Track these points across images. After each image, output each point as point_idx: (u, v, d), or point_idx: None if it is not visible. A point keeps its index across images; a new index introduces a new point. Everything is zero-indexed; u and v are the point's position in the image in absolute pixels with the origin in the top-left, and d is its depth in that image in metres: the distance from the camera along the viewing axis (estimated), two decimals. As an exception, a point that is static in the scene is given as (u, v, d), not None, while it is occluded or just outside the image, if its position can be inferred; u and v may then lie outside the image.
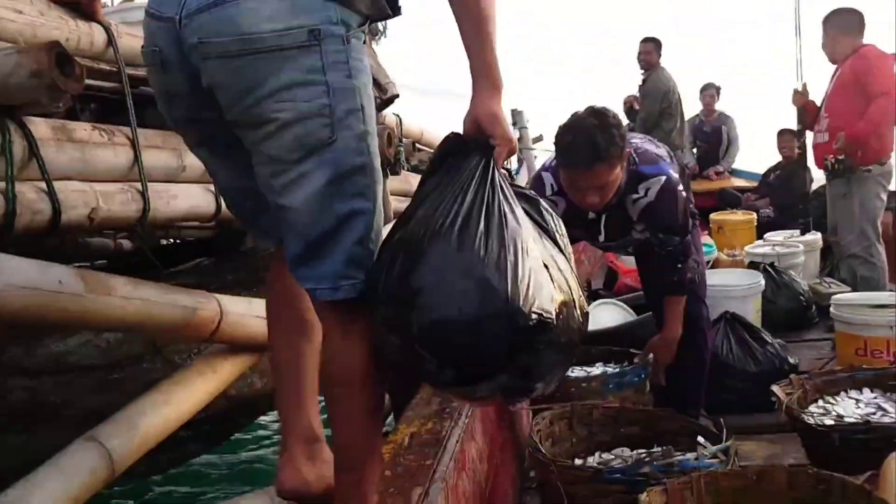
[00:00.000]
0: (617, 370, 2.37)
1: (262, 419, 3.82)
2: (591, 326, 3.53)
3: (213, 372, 1.60)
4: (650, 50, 5.84)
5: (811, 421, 1.99)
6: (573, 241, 2.28)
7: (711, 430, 1.99)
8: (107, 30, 1.68)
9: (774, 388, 2.17)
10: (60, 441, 2.13)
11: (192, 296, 1.46)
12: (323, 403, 1.35)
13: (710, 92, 7.34)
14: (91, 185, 1.58)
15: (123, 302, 1.26)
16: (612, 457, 2.03)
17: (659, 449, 1.97)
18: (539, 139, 7.68)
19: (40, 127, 1.48)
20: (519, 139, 6.56)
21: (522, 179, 7.08)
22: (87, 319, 1.21)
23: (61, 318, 1.17)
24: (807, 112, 4.08)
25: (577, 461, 2.02)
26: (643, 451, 2.00)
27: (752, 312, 3.33)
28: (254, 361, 1.76)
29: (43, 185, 1.45)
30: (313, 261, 1.16)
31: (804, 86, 4.10)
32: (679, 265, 2.31)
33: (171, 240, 4.91)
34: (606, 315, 3.52)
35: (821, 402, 2.20)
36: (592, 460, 2.00)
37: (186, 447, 2.98)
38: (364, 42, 1.18)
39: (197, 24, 1.09)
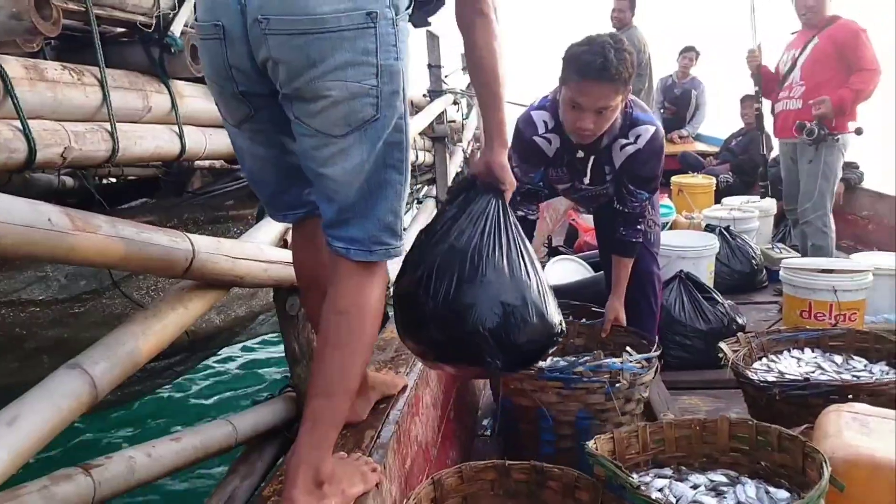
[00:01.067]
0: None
1: (218, 355, 3.92)
2: (552, 282, 3.71)
3: (184, 308, 1.69)
4: (624, 8, 5.82)
5: (754, 377, 2.12)
6: (553, 185, 2.48)
7: (644, 343, 2.31)
8: (74, -32, 1.68)
9: (722, 345, 2.29)
10: (24, 367, 2.21)
11: (167, 235, 1.54)
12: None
13: (689, 55, 7.32)
14: (63, 125, 1.63)
15: (106, 240, 1.34)
16: (563, 361, 2.31)
17: (591, 354, 2.25)
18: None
19: (13, 66, 1.51)
20: (470, 84, 6.60)
21: (472, 125, 7.15)
22: (71, 256, 1.28)
23: (49, 253, 1.24)
24: (762, 77, 4.10)
25: None
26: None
27: (705, 273, 3.50)
28: (221, 297, 1.85)
29: (18, 123, 1.49)
30: (348, 225, 1.28)
31: (759, 47, 4.10)
32: (639, 225, 2.41)
33: (113, 179, 4.86)
34: (566, 271, 3.72)
35: (764, 360, 2.34)
36: (545, 364, 2.23)
37: (145, 381, 3.08)
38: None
39: (262, 0, 1.15)
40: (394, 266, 1.50)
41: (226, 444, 2.14)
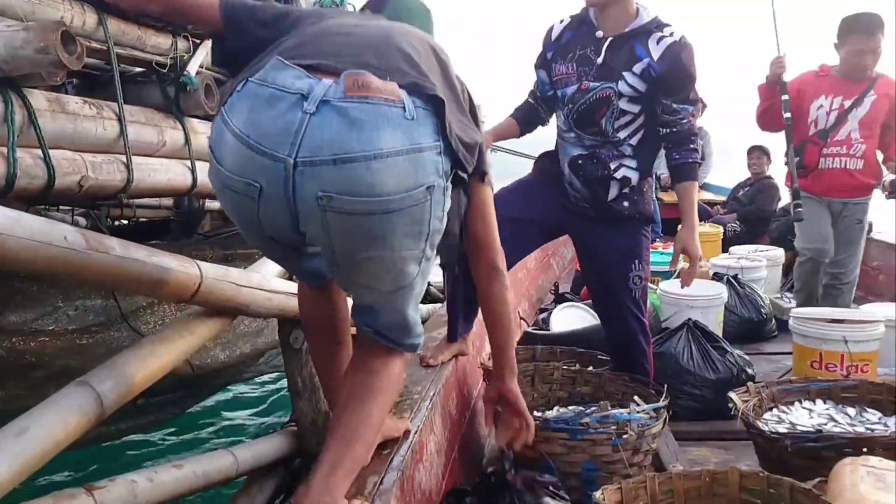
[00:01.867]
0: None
1: (224, 391, 3.94)
2: (558, 328, 3.61)
3: (190, 333, 1.74)
4: None
5: (765, 428, 2.05)
6: (559, 88, 2.35)
7: (651, 393, 2.26)
8: (98, 12, 1.79)
9: (732, 395, 2.23)
10: (32, 395, 2.24)
11: (177, 259, 1.60)
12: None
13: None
14: (81, 155, 1.70)
15: (118, 261, 1.39)
16: (569, 411, 2.28)
17: (597, 405, 2.20)
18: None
19: (37, 97, 1.59)
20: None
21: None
22: (84, 275, 1.34)
23: (64, 271, 1.30)
24: (771, 91, 3.71)
25: (537, 413, 2.23)
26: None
27: (714, 322, 3.47)
28: (226, 325, 1.90)
29: (39, 152, 1.57)
30: (379, 319, 1.34)
31: (784, 56, 3.70)
32: (691, 144, 2.26)
33: (126, 221, 4.95)
34: (572, 318, 3.70)
35: (775, 411, 2.28)
36: (551, 414, 2.25)
37: (149, 415, 3.10)
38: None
39: (321, 175, 1.11)
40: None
41: (226, 475, 2.15)
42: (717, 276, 4.14)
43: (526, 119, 2.56)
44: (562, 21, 2.39)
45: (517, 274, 4.20)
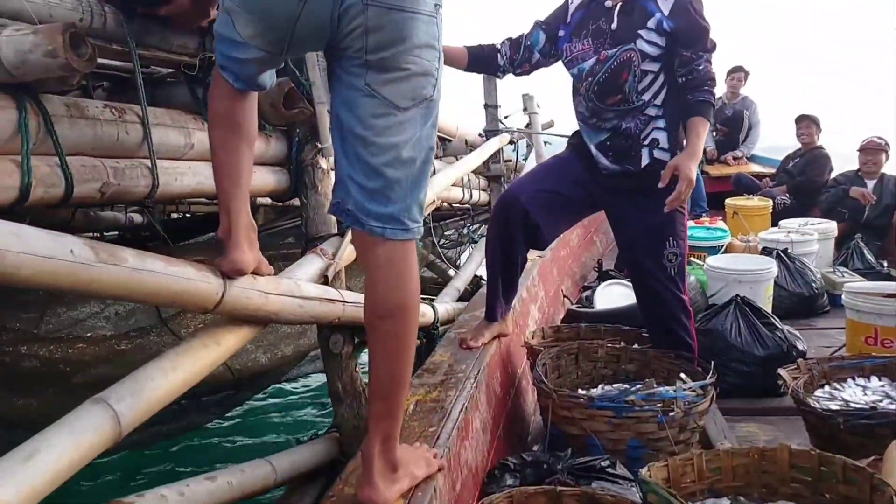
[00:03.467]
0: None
1: (263, 394, 3.92)
2: (602, 306, 3.62)
3: (216, 344, 1.67)
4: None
5: (816, 405, 2.02)
6: (575, 64, 2.38)
7: (698, 370, 2.22)
8: (117, 11, 1.72)
9: (781, 371, 2.21)
10: (68, 402, 2.23)
11: (197, 269, 1.52)
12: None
13: (737, 75, 7.21)
14: (102, 161, 1.65)
15: (131, 273, 1.33)
16: (614, 389, 2.28)
17: (643, 382, 2.20)
18: (550, 125, 7.67)
19: (55, 104, 1.54)
20: (528, 125, 6.56)
21: (531, 165, 7.10)
22: (94, 288, 1.27)
23: (72, 285, 1.23)
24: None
25: (581, 391, 2.26)
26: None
27: (763, 298, 3.38)
28: (255, 334, 1.83)
29: (56, 159, 1.52)
30: (388, 202, 1.35)
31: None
32: (706, 86, 2.24)
33: (182, 214, 5.02)
34: (617, 295, 3.69)
35: (827, 388, 2.23)
36: (596, 391, 2.25)
37: (190, 417, 3.09)
38: None
39: None
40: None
41: (263, 485, 2.10)
42: (766, 251, 4.06)
43: (478, 55, 2.53)
44: (572, 1, 2.43)
45: (559, 251, 4.15)
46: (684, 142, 2.30)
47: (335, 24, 1.31)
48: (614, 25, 2.26)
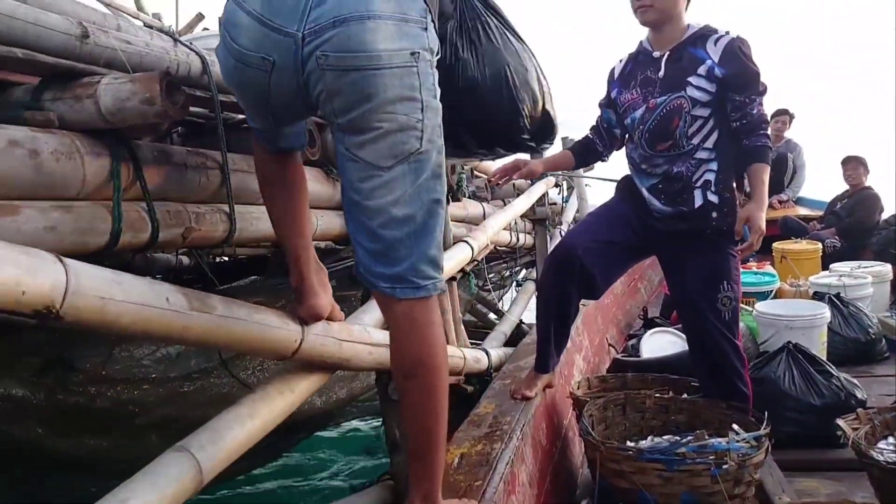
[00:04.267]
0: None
1: (318, 435, 3.88)
2: (648, 354, 3.56)
3: (290, 391, 1.66)
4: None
5: (881, 458, 1.92)
6: (626, 115, 2.44)
7: (751, 420, 2.14)
8: (203, 59, 1.76)
9: (840, 422, 2.11)
10: (133, 444, 2.23)
11: (278, 317, 1.52)
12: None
13: (782, 118, 7.11)
14: (185, 206, 1.67)
15: (220, 320, 1.32)
16: (663, 441, 2.21)
17: (693, 433, 2.14)
18: (591, 168, 7.67)
19: (143, 150, 1.57)
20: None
21: (572, 207, 7.07)
22: (185, 336, 1.27)
23: (164, 332, 1.23)
24: None
25: (630, 443, 2.19)
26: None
27: (816, 344, 3.25)
28: (325, 379, 1.81)
29: (144, 205, 1.54)
30: (393, 263, 1.32)
31: None
32: (761, 131, 2.24)
33: (226, 258, 5.05)
34: (663, 343, 3.58)
35: (891, 439, 2.13)
36: (645, 443, 2.18)
37: (241, 462, 3.07)
38: None
39: (321, 38, 1.24)
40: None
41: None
42: (817, 296, 3.92)
43: (581, 151, 2.64)
44: (620, 60, 2.49)
45: (604, 299, 4.09)
46: (734, 184, 2.33)
47: (306, 92, 1.31)
48: (662, 73, 2.29)
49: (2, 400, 1.78)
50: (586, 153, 2.63)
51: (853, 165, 6.15)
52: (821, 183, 7.02)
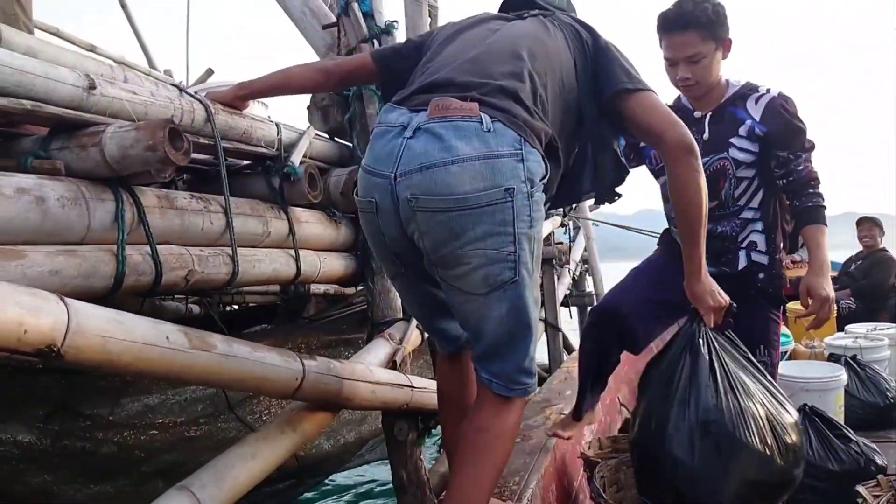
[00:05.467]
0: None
1: (327, 481, 3.84)
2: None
3: (293, 430, 1.67)
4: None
5: None
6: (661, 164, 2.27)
7: None
8: (206, 108, 1.82)
9: (860, 488, 2.07)
10: (139, 490, 2.22)
11: (279, 354, 1.54)
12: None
13: None
14: (188, 249, 1.70)
15: (221, 359, 1.34)
16: None
17: None
18: (597, 207, 7.72)
19: (147, 195, 1.61)
20: (576, 207, 6.59)
21: (579, 247, 7.09)
22: (185, 374, 1.29)
23: (166, 371, 1.25)
24: None
25: None
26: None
27: (833, 408, 3.18)
28: (330, 420, 1.82)
29: (147, 248, 1.57)
30: (491, 362, 1.46)
31: None
32: (811, 189, 2.19)
33: (236, 306, 5.10)
34: None
35: None
36: None
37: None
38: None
39: (410, 182, 1.34)
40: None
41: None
42: (833, 357, 3.83)
43: None
44: None
45: None
46: (781, 244, 2.31)
47: (404, 230, 1.42)
48: (706, 136, 2.22)
49: (9, 445, 1.80)
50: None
51: (868, 227, 6.16)
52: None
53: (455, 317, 1.52)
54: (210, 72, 6.17)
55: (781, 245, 2.30)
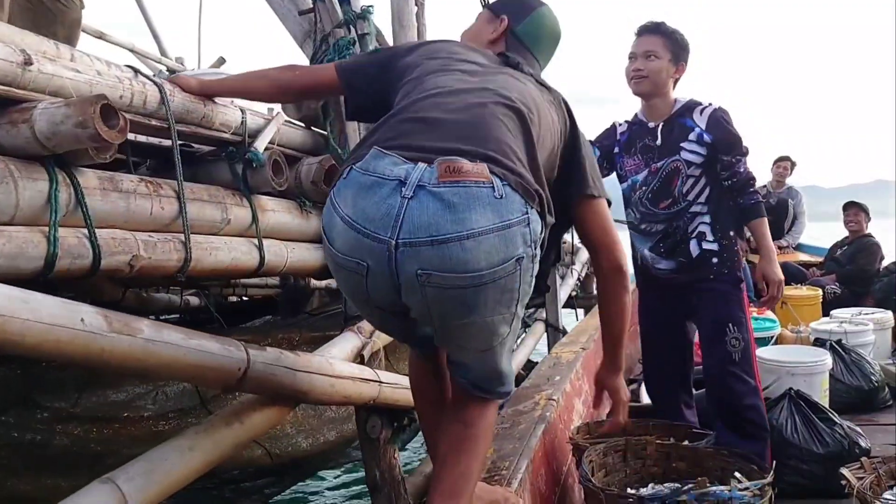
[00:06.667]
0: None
1: (308, 481, 3.78)
2: (648, 400, 3.51)
3: (240, 423, 1.59)
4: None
5: None
6: (629, 178, 2.77)
7: (754, 469, 2.13)
8: (160, 89, 1.76)
9: (844, 471, 2.09)
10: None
11: (219, 342, 1.47)
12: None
13: (783, 164, 7.30)
14: (134, 234, 1.63)
15: (146, 344, 1.28)
16: (664, 488, 2.18)
17: (695, 481, 2.09)
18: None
19: (88, 177, 1.55)
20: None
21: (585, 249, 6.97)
22: (105, 359, 1.22)
23: (81, 356, 1.19)
24: None
25: (630, 490, 2.21)
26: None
27: (818, 391, 3.23)
28: (284, 414, 1.75)
29: (86, 231, 1.51)
30: (471, 372, 1.48)
31: None
32: (751, 188, 2.60)
33: (238, 298, 5.07)
34: None
35: None
36: (645, 491, 2.18)
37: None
38: None
39: (419, 256, 1.24)
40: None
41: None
42: (818, 342, 3.91)
43: None
44: (620, 124, 2.83)
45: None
46: (731, 232, 2.64)
47: (400, 294, 1.32)
48: (659, 142, 2.65)
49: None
50: None
51: (854, 212, 6.25)
52: (822, 178, 6.98)
53: (439, 345, 1.55)
54: (222, 60, 6.15)
55: (732, 233, 2.63)
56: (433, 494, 1.45)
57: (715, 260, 2.58)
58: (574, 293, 6.35)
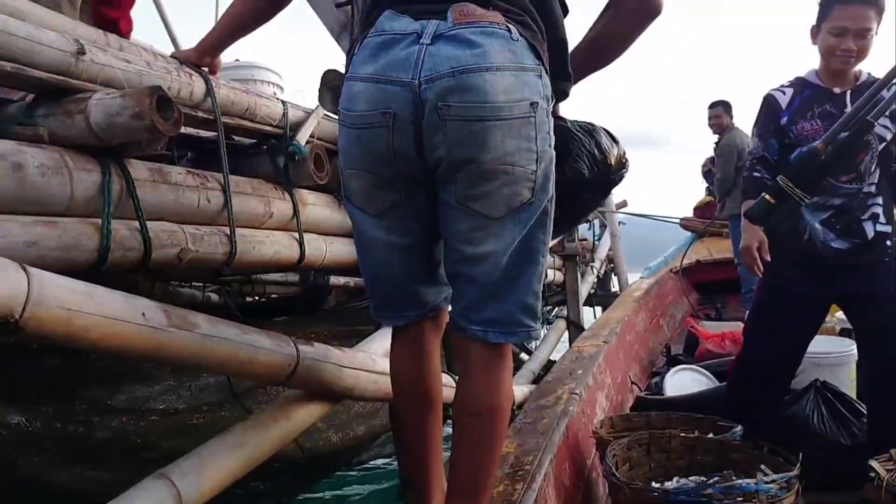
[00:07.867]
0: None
1: (337, 474, 3.77)
2: (672, 392, 3.43)
3: (286, 419, 1.58)
4: (719, 114, 5.88)
5: None
6: (805, 136, 2.44)
7: (780, 461, 2.07)
8: (206, 81, 1.74)
9: (873, 462, 2.04)
10: (138, 479, 2.16)
11: (271, 338, 1.45)
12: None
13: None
14: (182, 227, 1.62)
15: (203, 339, 1.26)
16: (689, 482, 2.13)
17: (720, 474, 2.07)
18: (623, 204, 7.56)
19: (139, 168, 1.54)
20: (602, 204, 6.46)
21: (605, 245, 6.94)
22: (164, 354, 1.22)
23: (142, 350, 1.18)
24: None
25: (655, 484, 2.13)
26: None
27: (845, 382, 3.13)
28: (328, 410, 1.73)
29: (136, 223, 1.50)
30: (487, 307, 1.31)
31: None
32: None
33: (257, 297, 5.06)
34: (687, 382, 3.46)
35: None
36: (670, 485, 2.12)
37: (257, 500, 2.98)
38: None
39: (440, 87, 1.21)
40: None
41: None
42: (844, 332, 3.74)
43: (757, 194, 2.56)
44: (781, 90, 2.51)
45: (625, 336, 3.97)
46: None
47: (421, 144, 1.27)
48: (848, 110, 2.27)
49: (-2, 427, 1.74)
50: (758, 192, 2.48)
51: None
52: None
53: (447, 258, 1.37)
54: (237, 62, 6.16)
55: None
56: (449, 493, 1.38)
57: (889, 242, 2.40)
58: (593, 290, 6.32)
